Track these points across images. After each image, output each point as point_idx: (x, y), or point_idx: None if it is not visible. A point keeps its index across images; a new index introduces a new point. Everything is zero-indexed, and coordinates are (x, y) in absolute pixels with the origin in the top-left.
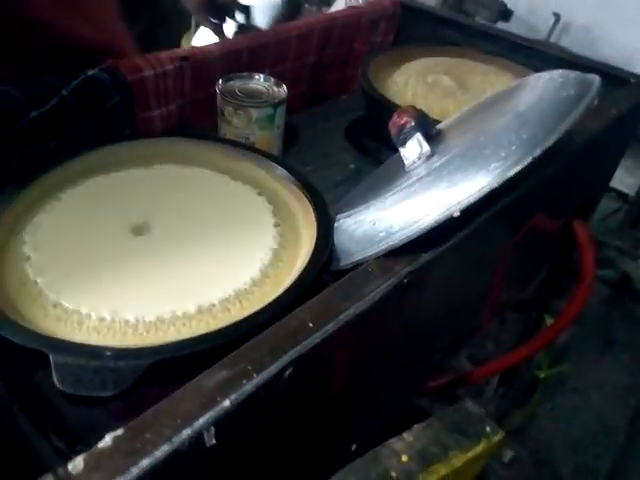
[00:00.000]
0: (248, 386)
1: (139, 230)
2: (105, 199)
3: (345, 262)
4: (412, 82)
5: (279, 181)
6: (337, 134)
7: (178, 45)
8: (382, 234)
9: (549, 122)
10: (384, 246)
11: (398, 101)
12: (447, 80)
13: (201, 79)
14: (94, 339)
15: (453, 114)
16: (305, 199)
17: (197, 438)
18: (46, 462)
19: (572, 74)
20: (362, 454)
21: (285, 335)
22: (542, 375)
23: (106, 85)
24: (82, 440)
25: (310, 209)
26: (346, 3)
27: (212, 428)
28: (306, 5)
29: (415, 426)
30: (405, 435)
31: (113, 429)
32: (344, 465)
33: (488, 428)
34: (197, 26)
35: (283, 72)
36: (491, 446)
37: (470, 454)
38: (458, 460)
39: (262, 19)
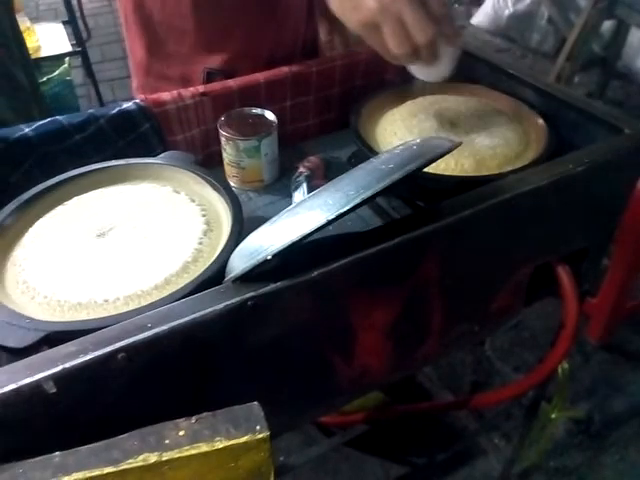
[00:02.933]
0: (81, 360)
1: (102, 234)
2: (86, 210)
3: (227, 277)
4: (398, 122)
5: (214, 194)
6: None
7: None
8: (252, 254)
9: (352, 191)
10: (247, 266)
11: (381, 141)
12: (431, 121)
13: (221, 109)
14: (35, 311)
15: None
16: (230, 209)
17: (38, 385)
18: None
19: (419, 143)
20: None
21: (128, 329)
22: (553, 415)
23: (136, 115)
24: None
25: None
26: (493, 5)
27: (51, 381)
28: (455, 5)
29: (204, 414)
30: (192, 419)
31: None
32: None
33: (258, 427)
34: None
35: (305, 103)
36: (255, 440)
37: (232, 442)
38: (221, 444)
39: None
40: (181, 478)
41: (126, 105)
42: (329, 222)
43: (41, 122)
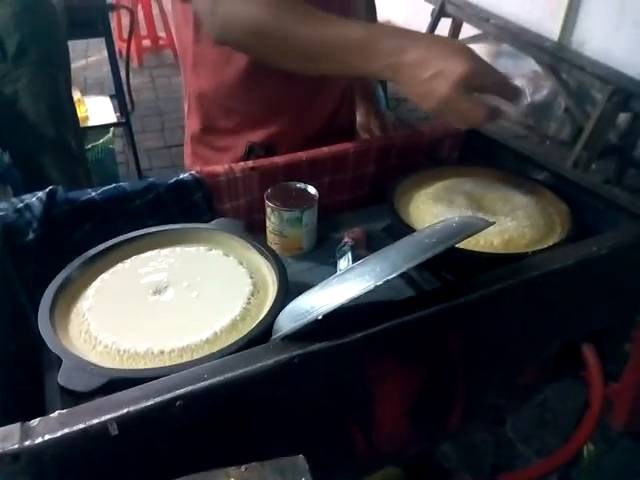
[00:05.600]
0: (143, 405)
1: (158, 291)
2: (144, 269)
3: (274, 336)
4: (431, 202)
5: (261, 259)
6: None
7: None
8: (302, 314)
9: (398, 260)
10: (296, 325)
11: (414, 217)
12: (462, 200)
13: (266, 182)
14: (96, 359)
15: None
16: (275, 273)
17: (103, 427)
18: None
19: (458, 221)
20: None
21: (186, 378)
22: None
23: (191, 185)
24: None
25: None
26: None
27: (114, 424)
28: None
29: (252, 463)
30: (241, 467)
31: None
32: None
33: (303, 479)
34: None
35: (343, 179)
36: None
37: None
38: None
39: None
40: None
41: (183, 176)
42: (377, 287)
43: (106, 187)
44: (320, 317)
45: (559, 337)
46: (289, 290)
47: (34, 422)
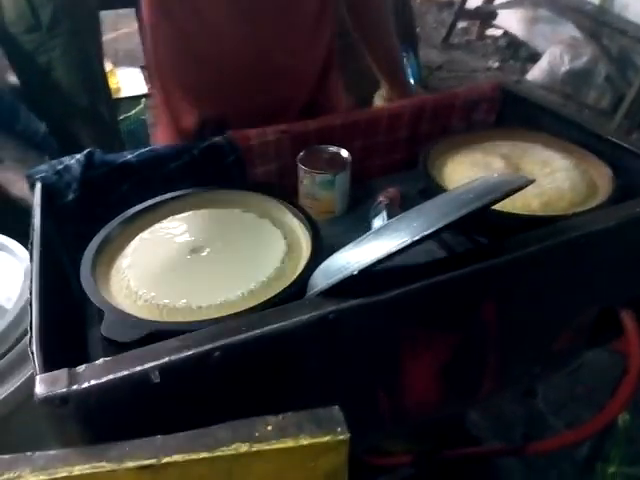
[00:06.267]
0: (184, 354)
1: (195, 250)
2: (181, 229)
3: (309, 293)
4: (467, 163)
5: (294, 220)
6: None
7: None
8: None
9: (435, 215)
10: (332, 280)
11: (449, 180)
12: (499, 163)
13: (299, 146)
14: (137, 312)
15: None
16: (309, 234)
17: (145, 374)
18: None
19: (497, 178)
20: None
21: (225, 331)
22: (611, 470)
23: (224, 148)
24: None
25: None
26: (549, 62)
27: (157, 371)
28: (511, 61)
29: (289, 413)
30: (279, 416)
31: None
32: None
33: (339, 429)
34: None
35: (375, 144)
36: (336, 442)
37: (315, 440)
38: (305, 441)
39: None
40: (265, 472)
41: (216, 139)
42: (414, 243)
43: (142, 150)
44: (356, 272)
45: (598, 302)
46: (322, 253)
47: (80, 368)
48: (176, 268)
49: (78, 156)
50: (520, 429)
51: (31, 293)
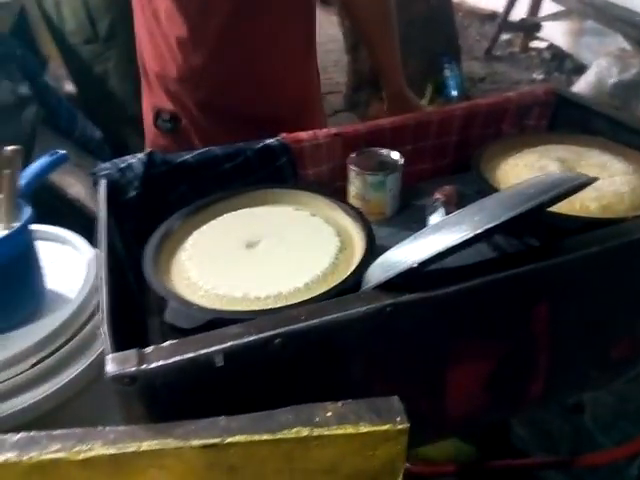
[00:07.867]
0: (245, 340)
1: (251, 245)
2: (237, 225)
3: (364, 287)
4: (521, 166)
5: (346, 218)
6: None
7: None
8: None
9: (498, 209)
10: (389, 274)
11: (502, 183)
12: (554, 166)
13: (350, 148)
14: (197, 302)
15: None
16: (362, 232)
17: (210, 357)
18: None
19: (559, 175)
20: None
21: (285, 319)
22: None
23: (277, 150)
24: None
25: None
26: (596, 74)
27: (221, 355)
28: (555, 74)
29: (349, 400)
30: (339, 403)
31: None
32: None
33: (399, 418)
34: None
35: (425, 147)
36: (395, 431)
37: (374, 429)
38: (365, 428)
39: None
40: (324, 457)
41: (269, 141)
42: (477, 236)
43: (199, 150)
44: (416, 265)
45: None
46: (375, 249)
47: (148, 349)
48: (233, 261)
49: (140, 155)
50: (567, 445)
51: (100, 279)
